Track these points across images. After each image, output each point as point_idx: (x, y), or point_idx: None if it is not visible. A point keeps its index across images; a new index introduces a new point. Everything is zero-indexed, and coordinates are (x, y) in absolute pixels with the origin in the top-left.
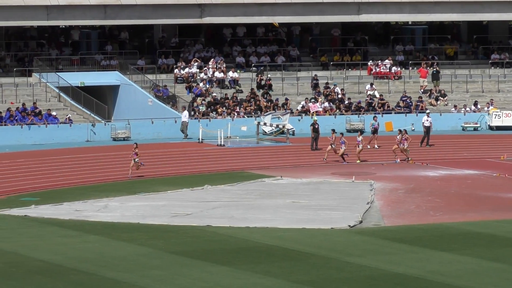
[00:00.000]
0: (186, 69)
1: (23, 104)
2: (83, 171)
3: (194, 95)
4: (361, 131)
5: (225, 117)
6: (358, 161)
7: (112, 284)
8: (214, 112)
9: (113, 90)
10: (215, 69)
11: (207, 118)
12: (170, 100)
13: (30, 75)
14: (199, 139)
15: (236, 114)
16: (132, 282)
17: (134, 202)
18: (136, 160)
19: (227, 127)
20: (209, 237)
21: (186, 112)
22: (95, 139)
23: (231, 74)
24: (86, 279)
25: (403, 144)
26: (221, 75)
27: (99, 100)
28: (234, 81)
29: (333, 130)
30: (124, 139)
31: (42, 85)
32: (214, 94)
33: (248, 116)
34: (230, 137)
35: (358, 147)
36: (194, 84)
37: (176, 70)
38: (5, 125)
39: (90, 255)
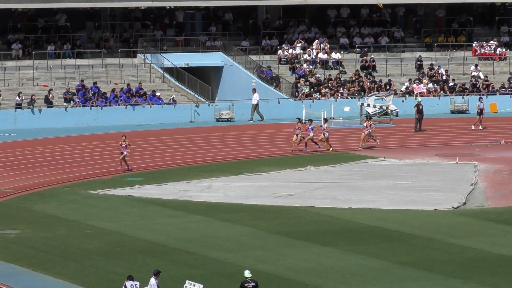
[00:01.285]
0: (290, 50)
1: (128, 85)
2: (186, 152)
3: (298, 76)
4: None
5: (328, 98)
6: (331, 149)
7: (215, 264)
8: (317, 93)
9: (217, 71)
10: (318, 50)
11: (310, 99)
12: (274, 81)
13: (134, 56)
14: (302, 120)
15: (339, 95)
16: (235, 262)
17: (237, 183)
18: (125, 152)
19: (330, 108)
20: (312, 218)
21: (256, 94)
22: (199, 119)
23: (334, 55)
24: (189, 258)
25: (368, 131)
26: (324, 56)
27: (203, 81)
28: (338, 62)
29: (299, 119)
30: (227, 120)
31: (147, 66)
32: (317, 75)
33: (351, 97)
34: (333, 118)
35: (324, 134)
36: (297, 65)
37: (279, 51)
38: (109, 105)
39: (194, 235)
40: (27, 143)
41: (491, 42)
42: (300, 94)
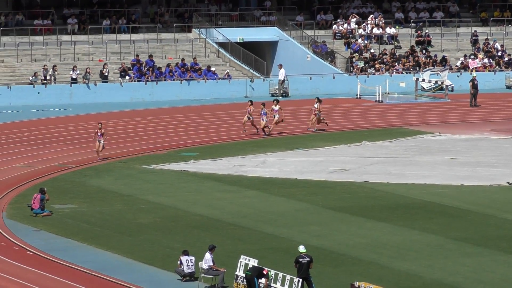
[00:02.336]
0: (345, 25)
1: (183, 60)
2: (241, 127)
3: (352, 51)
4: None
5: (383, 73)
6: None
7: (270, 239)
8: (372, 68)
9: (272, 46)
10: (373, 25)
11: (365, 74)
12: (329, 56)
13: (189, 31)
14: (357, 95)
15: (394, 70)
16: (290, 237)
17: (292, 158)
18: (101, 141)
19: (385, 83)
20: (367, 193)
21: (282, 70)
22: (254, 94)
23: (389, 30)
24: (244, 233)
25: (316, 115)
26: (379, 31)
27: (258, 56)
28: (393, 37)
29: (251, 102)
30: (282, 95)
31: (201, 40)
32: (372, 50)
33: (406, 72)
34: (388, 93)
35: (274, 116)
36: (352, 40)
37: (334, 26)
38: (164, 80)
39: (248, 210)
40: (83, 117)
41: None
42: (354, 69)
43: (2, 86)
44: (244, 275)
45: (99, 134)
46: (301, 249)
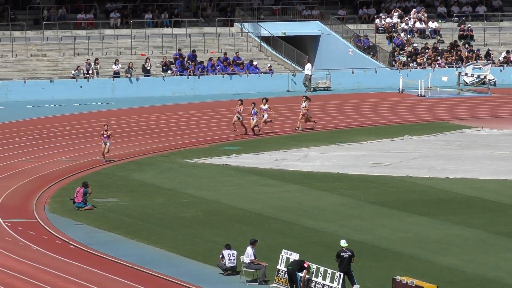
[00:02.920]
0: (387, 19)
1: (225, 54)
2: (283, 121)
3: (395, 45)
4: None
5: (425, 67)
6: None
7: (312, 234)
8: (415, 62)
9: (314, 40)
10: (416, 19)
11: (407, 68)
12: (371, 50)
13: (231, 25)
14: (399, 89)
15: (436, 64)
16: (332, 232)
17: (334, 152)
18: (108, 143)
19: (428, 77)
20: (409, 188)
21: (309, 65)
22: (296, 89)
23: (432, 24)
24: (286, 228)
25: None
26: (422, 25)
27: (300, 50)
28: (435, 31)
29: (241, 101)
30: (324, 89)
31: (244, 34)
32: (414, 44)
33: (449, 67)
34: (430, 87)
35: (263, 116)
36: (395, 34)
37: (377, 20)
38: (206, 74)
39: (290, 205)
40: (125, 112)
41: None
42: (397, 64)
43: (44, 80)
44: (285, 269)
45: (105, 136)
46: (343, 243)
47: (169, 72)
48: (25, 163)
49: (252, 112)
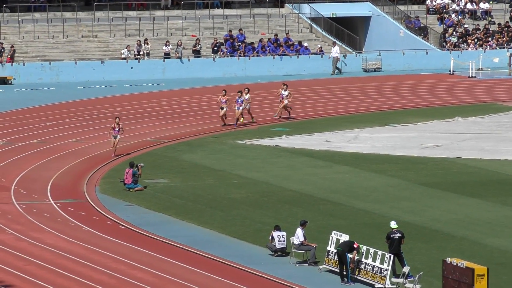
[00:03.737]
0: (438, 0)
1: (275, 35)
2: (333, 102)
3: (446, 26)
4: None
5: (476, 49)
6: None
7: (362, 215)
8: (465, 44)
9: (365, 21)
10: (467, 0)
11: (458, 49)
12: (422, 31)
13: (282, 6)
14: (450, 70)
15: (488, 45)
16: (382, 213)
17: (384, 133)
18: (117, 137)
19: (479, 58)
20: (459, 169)
21: (337, 48)
22: (346, 70)
23: (483, 5)
24: (336, 209)
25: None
26: (473, 6)
27: (350, 31)
28: (486, 12)
29: (225, 91)
30: (375, 70)
31: (294, 16)
32: (465, 26)
33: (500, 48)
34: (481, 68)
35: (246, 106)
36: (446, 15)
37: (428, 1)
38: (257, 55)
39: (340, 186)
40: (175, 93)
41: None
42: (448, 45)
43: (95, 61)
44: (335, 251)
45: (116, 129)
46: (393, 224)
47: (220, 53)
48: (76, 144)
49: (239, 100)
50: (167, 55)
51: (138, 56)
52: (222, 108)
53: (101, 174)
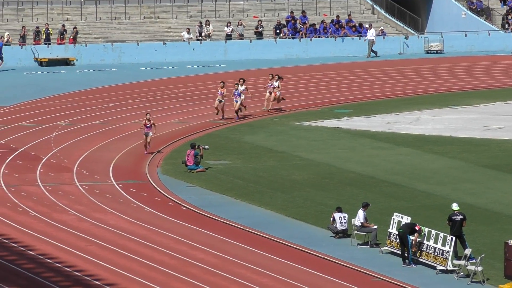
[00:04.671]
0: None
1: (337, 17)
2: (395, 84)
3: (508, 8)
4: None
5: None
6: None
7: (423, 197)
8: None
9: (427, 2)
10: None
11: None
12: (484, 12)
13: None
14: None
15: None
16: (444, 195)
17: (446, 115)
18: (150, 134)
19: None
20: None
21: (372, 30)
22: (408, 51)
23: None
24: (397, 191)
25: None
26: None
27: (412, 13)
28: None
29: (223, 82)
30: (437, 52)
31: None
32: None
33: None
34: None
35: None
36: None
37: None
38: (319, 37)
39: (402, 168)
40: (237, 74)
41: None
42: (510, 26)
43: (157, 43)
44: (396, 232)
45: (147, 125)
46: (454, 206)
47: (281, 34)
48: (138, 125)
49: (236, 93)
50: (228, 37)
51: (200, 38)
52: (220, 101)
53: (163, 156)
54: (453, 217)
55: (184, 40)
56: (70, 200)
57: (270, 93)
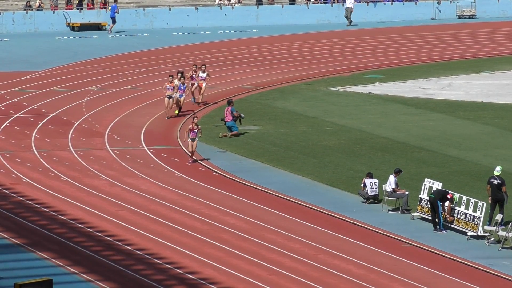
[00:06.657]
0: None
1: None
2: (427, 49)
3: None
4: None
5: None
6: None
7: (455, 162)
8: None
9: None
10: None
11: None
12: None
13: None
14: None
15: None
16: (475, 161)
17: (478, 81)
18: (195, 140)
19: None
20: None
21: None
22: (440, 17)
23: None
24: (428, 156)
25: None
26: None
27: None
28: None
29: (171, 76)
30: (469, 17)
31: None
32: None
33: None
34: None
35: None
36: None
37: None
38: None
39: (433, 133)
40: (269, 39)
41: None
42: None
43: (189, 8)
44: (427, 198)
45: (194, 131)
46: (496, 171)
47: (313, 0)
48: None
49: (181, 87)
50: (260, 2)
51: (232, 3)
52: (168, 97)
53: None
54: (491, 180)
55: (216, 5)
56: (101, 165)
57: (193, 84)
